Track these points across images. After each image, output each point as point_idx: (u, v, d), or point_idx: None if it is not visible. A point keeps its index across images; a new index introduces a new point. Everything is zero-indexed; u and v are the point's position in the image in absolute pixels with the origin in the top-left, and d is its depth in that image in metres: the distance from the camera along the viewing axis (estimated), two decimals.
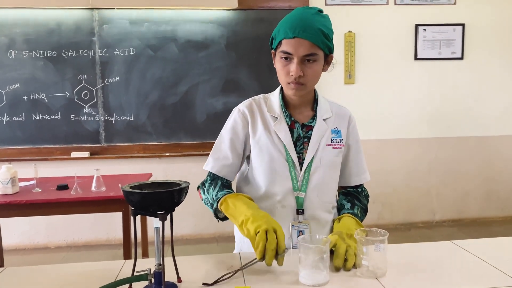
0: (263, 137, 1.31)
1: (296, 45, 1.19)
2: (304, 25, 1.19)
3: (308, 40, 1.18)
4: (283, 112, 1.33)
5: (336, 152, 1.33)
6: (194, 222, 3.87)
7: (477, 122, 4.13)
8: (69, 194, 2.52)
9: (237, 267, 1.10)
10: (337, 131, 1.35)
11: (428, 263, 1.12)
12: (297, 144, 1.31)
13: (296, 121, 1.32)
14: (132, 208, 0.92)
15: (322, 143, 1.31)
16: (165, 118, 3.76)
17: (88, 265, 1.17)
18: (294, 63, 1.20)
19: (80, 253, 3.67)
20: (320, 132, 1.31)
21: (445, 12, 3.96)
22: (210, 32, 3.73)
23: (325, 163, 1.31)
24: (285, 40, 1.21)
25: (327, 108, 1.36)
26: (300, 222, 1.28)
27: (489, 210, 4.26)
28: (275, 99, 1.36)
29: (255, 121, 1.33)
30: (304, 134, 1.32)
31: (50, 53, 3.60)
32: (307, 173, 1.29)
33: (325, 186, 1.32)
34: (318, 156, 1.30)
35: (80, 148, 3.70)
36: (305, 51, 1.19)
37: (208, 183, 1.33)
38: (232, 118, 1.36)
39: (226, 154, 1.33)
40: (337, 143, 1.33)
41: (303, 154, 1.31)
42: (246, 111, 1.34)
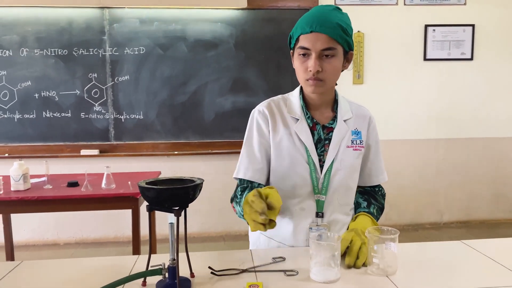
0: (284, 139, 1.28)
1: (313, 39, 1.17)
2: (321, 19, 1.17)
3: (326, 34, 1.16)
4: (304, 113, 1.30)
5: (356, 154, 1.31)
6: (202, 221, 3.89)
7: (486, 123, 4.11)
8: (80, 191, 2.55)
9: (248, 264, 1.11)
10: (357, 132, 1.32)
11: (438, 262, 1.13)
12: (317, 147, 1.28)
13: (317, 123, 1.29)
14: (148, 203, 0.94)
15: (343, 145, 1.28)
16: (174, 117, 3.78)
17: (103, 260, 1.19)
18: (312, 58, 1.18)
19: (89, 250, 3.71)
20: (341, 134, 1.29)
21: (455, 13, 3.95)
22: (219, 32, 3.74)
23: (345, 165, 1.28)
24: (302, 35, 1.19)
25: (347, 108, 1.33)
26: (318, 225, 1.26)
27: (497, 212, 4.24)
28: (295, 100, 1.33)
29: (276, 122, 1.30)
30: (325, 136, 1.29)
31: (61, 51, 3.64)
32: (327, 176, 1.26)
33: (345, 188, 1.30)
34: (338, 158, 1.27)
35: (89, 146, 3.73)
36: (323, 45, 1.17)
37: (239, 194, 1.27)
38: (254, 120, 1.32)
39: (257, 157, 1.30)
40: (357, 144, 1.31)
41: (324, 157, 1.28)
42: (266, 111, 1.31)
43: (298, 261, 1.13)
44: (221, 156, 3.79)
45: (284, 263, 1.13)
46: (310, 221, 1.27)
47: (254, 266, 1.10)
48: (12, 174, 2.53)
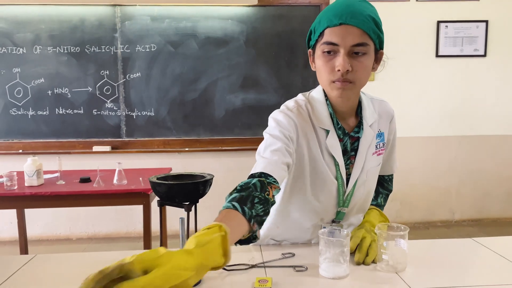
0: (314, 151, 1.13)
1: (343, 33, 1.00)
2: (353, 10, 1.00)
3: (358, 27, 1.00)
4: (335, 124, 1.13)
5: (379, 159, 1.23)
6: (212, 217, 3.88)
7: (499, 120, 4.06)
8: (92, 186, 2.59)
9: (258, 259, 1.12)
10: (381, 134, 1.21)
11: (448, 259, 1.13)
12: (344, 159, 1.16)
13: (346, 133, 1.15)
14: (159, 198, 0.95)
15: (369, 154, 1.18)
16: (185, 113, 3.80)
17: (115, 254, 1.20)
18: (341, 55, 1.01)
19: (101, 245, 3.76)
20: (367, 143, 1.16)
21: (468, 9, 3.90)
22: (230, 29, 3.75)
23: (370, 175, 1.20)
24: (329, 29, 1.01)
25: (371, 110, 1.19)
26: (331, 224, 1.22)
27: (510, 210, 4.19)
28: (321, 107, 1.14)
29: (305, 131, 1.13)
30: (351, 147, 1.16)
31: (73, 49, 3.68)
32: (352, 189, 1.18)
33: (366, 199, 1.24)
34: (364, 170, 1.17)
35: (101, 142, 3.77)
36: (354, 40, 1.00)
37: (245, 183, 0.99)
38: (279, 121, 1.11)
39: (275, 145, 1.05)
40: (380, 148, 1.21)
41: (350, 170, 1.17)
42: (295, 118, 1.12)
43: (307, 257, 1.14)
44: (232, 153, 3.80)
45: (293, 259, 1.13)
46: (323, 225, 1.22)
47: (264, 262, 1.11)
48: (26, 169, 2.57)
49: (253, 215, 0.88)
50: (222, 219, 0.84)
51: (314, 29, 1.08)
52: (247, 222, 0.87)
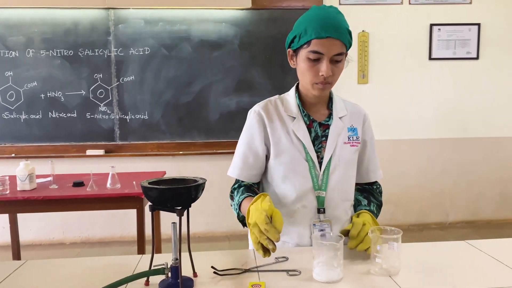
0: (282, 137, 1.30)
1: (328, 44, 1.18)
2: (336, 25, 1.18)
3: (340, 40, 1.19)
4: (301, 111, 1.32)
5: (353, 150, 1.33)
6: (207, 220, 3.90)
7: (492, 123, 4.09)
8: (85, 190, 2.57)
9: (251, 263, 1.12)
10: (353, 129, 1.35)
11: (441, 263, 1.13)
12: (315, 143, 1.30)
13: (314, 120, 1.33)
14: (150, 203, 0.95)
15: (340, 141, 1.31)
16: (179, 117, 3.79)
17: (106, 259, 1.20)
18: (324, 63, 1.19)
19: (95, 249, 3.73)
20: (337, 130, 1.31)
21: (460, 12, 3.93)
22: (224, 32, 3.75)
23: (343, 161, 1.31)
24: (316, 40, 1.18)
25: (342, 106, 1.37)
26: (321, 221, 1.27)
27: (503, 211, 4.21)
28: (291, 99, 1.35)
29: (273, 121, 1.32)
30: (322, 133, 1.32)
31: (66, 52, 3.66)
32: (326, 172, 1.29)
33: (345, 184, 1.32)
34: (336, 154, 1.30)
35: (95, 146, 3.75)
36: (336, 50, 1.19)
37: (234, 187, 1.36)
38: (249, 120, 1.36)
39: (246, 156, 1.33)
40: (354, 141, 1.34)
41: (322, 153, 1.30)
42: (262, 112, 1.33)
43: (301, 261, 1.13)
44: (226, 156, 3.79)
45: (287, 263, 1.13)
46: (312, 218, 1.28)
47: (257, 266, 1.10)
48: (18, 174, 2.55)
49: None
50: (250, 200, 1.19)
51: (300, 36, 1.23)
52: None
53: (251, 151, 1.33)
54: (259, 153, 1.33)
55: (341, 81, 4.28)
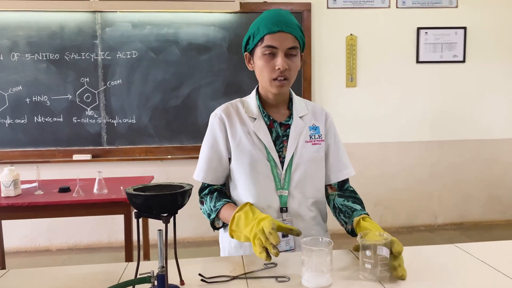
0: (243, 138, 1.32)
1: (281, 38, 1.23)
2: (286, 20, 1.25)
3: (292, 34, 1.24)
4: (261, 112, 1.34)
5: (316, 148, 1.35)
6: (195, 225, 3.87)
7: (479, 125, 4.13)
8: (71, 196, 2.53)
9: (239, 270, 1.10)
10: (315, 127, 1.37)
11: (431, 267, 1.12)
12: (276, 143, 1.32)
13: (274, 120, 1.34)
14: (136, 210, 0.92)
15: (301, 140, 1.33)
16: (167, 120, 3.76)
17: (91, 268, 1.17)
18: (280, 56, 1.23)
19: (82, 255, 3.67)
20: (298, 130, 1.33)
21: (446, 16, 3.97)
22: (212, 35, 3.74)
23: (305, 159, 1.32)
24: (269, 35, 1.24)
25: (302, 106, 1.39)
26: (284, 220, 1.29)
27: (491, 213, 4.25)
28: (251, 101, 1.38)
29: (233, 123, 1.34)
30: (283, 133, 1.34)
31: (52, 55, 3.62)
32: (288, 171, 1.30)
33: (307, 182, 1.33)
34: (298, 153, 1.32)
35: (82, 151, 3.70)
36: (289, 43, 1.24)
37: (204, 193, 1.38)
38: (210, 124, 1.38)
39: (210, 159, 1.35)
40: (316, 139, 1.35)
41: (283, 153, 1.32)
42: (222, 114, 1.35)
43: (290, 267, 1.12)
44: None
45: (276, 269, 1.11)
46: (274, 217, 1.28)
47: (245, 273, 1.08)
48: (2, 180, 2.50)
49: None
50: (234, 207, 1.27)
51: (253, 35, 1.29)
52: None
53: (214, 154, 1.35)
54: (222, 156, 1.35)
55: (329, 85, 4.29)
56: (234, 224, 1.19)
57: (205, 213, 1.36)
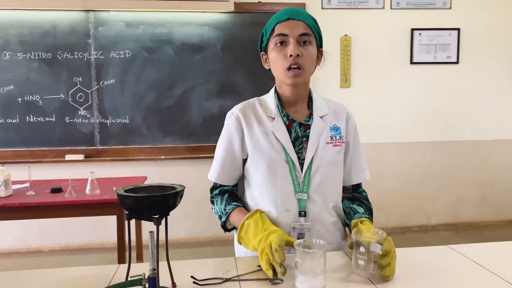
0: (261, 139, 1.27)
1: (291, 25, 1.21)
2: (296, 10, 1.24)
3: (302, 21, 1.22)
4: (280, 111, 1.29)
5: (336, 150, 1.29)
6: (189, 226, 3.85)
7: (472, 126, 4.14)
8: (63, 197, 2.50)
9: (232, 272, 1.09)
10: (336, 128, 1.31)
11: (424, 268, 1.12)
12: (295, 144, 1.27)
13: (293, 120, 1.29)
14: (127, 212, 0.91)
15: (322, 141, 1.27)
16: (161, 121, 3.74)
17: (82, 270, 1.15)
18: (291, 43, 1.20)
19: (74, 256, 3.64)
20: (319, 130, 1.28)
21: (440, 17, 3.98)
22: (206, 35, 3.72)
23: (326, 162, 1.26)
24: (278, 24, 1.23)
25: (323, 105, 1.33)
26: (302, 224, 1.23)
27: (484, 214, 4.27)
28: (270, 100, 1.33)
29: (251, 123, 1.29)
30: (302, 134, 1.28)
31: (45, 55, 3.58)
32: (308, 174, 1.24)
33: (327, 186, 1.27)
34: (318, 155, 1.26)
35: (74, 151, 3.67)
36: (300, 30, 1.21)
37: (215, 193, 1.37)
38: (226, 123, 1.34)
39: (223, 160, 1.32)
40: (337, 140, 1.29)
41: (303, 154, 1.26)
42: (239, 114, 1.31)
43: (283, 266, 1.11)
44: (209, 160, 3.70)
45: None
46: (293, 221, 1.24)
47: (238, 275, 1.07)
48: None
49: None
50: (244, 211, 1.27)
51: (265, 31, 1.28)
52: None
53: (228, 154, 1.32)
54: (236, 156, 1.31)
55: (323, 85, 4.29)
56: (243, 231, 1.17)
57: (216, 214, 1.35)
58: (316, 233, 1.25)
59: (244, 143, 1.30)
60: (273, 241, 1.04)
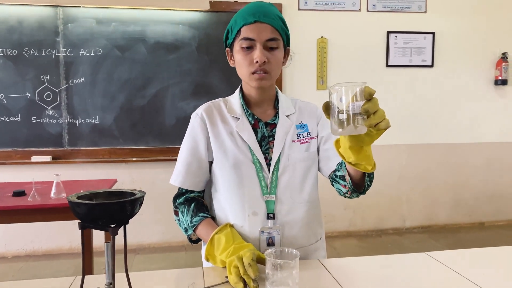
0: (226, 139, 1.22)
1: (258, 29, 1.14)
2: (264, 11, 1.16)
3: (270, 24, 1.15)
4: (245, 111, 1.26)
5: (304, 147, 1.25)
6: (162, 230, 3.74)
7: (446, 129, 4.18)
8: (26, 201, 2.37)
9: (198, 284, 1.01)
10: (303, 126, 1.27)
11: (402, 276, 1.07)
12: (262, 144, 1.23)
13: (259, 120, 1.25)
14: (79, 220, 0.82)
15: (288, 140, 1.23)
16: (133, 121, 3.62)
17: (34, 283, 1.05)
18: (258, 49, 1.14)
19: (40, 263, 3.48)
20: (285, 129, 1.24)
21: (416, 20, 4.00)
22: (181, 34, 3.62)
23: (294, 160, 1.22)
24: (245, 26, 1.15)
25: (288, 104, 1.30)
26: (270, 227, 1.18)
27: (457, 216, 4.31)
28: (235, 100, 1.29)
29: (215, 124, 1.25)
30: (269, 133, 1.24)
31: (10, 51, 3.42)
32: (275, 174, 1.20)
33: (297, 185, 1.22)
34: (285, 154, 1.22)
35: (41, 152, 3.51)
36: (267, 35, 1.15)
37: (179, 202, 1.27)
38: (190, 124, 1.28)
39: (189, 163, 1.25)
40: (304, 137, 1.26)
41: (270, 154, 1.22)
42: (204, 114, 1.26)
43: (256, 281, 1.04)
44: None
45: None
46: (261, 225, 1.18)
47: (205, 287, 1.00)
48: None
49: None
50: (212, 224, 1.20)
51: (231, 28, 1.21)
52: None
53: (194, 157, 1.25)
54: (202, 159, 1.25)
55: (300, 87, 4.23)
56: (214, 248, 1.11)
57: (182, 226, 1.25)
58: (286, 237, 1.19)
59: (209, 145, 1.25)
60: (246, 255, 0.98)
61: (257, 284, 0.95)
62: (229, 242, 1.08)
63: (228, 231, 1.12)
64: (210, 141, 1.24)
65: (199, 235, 1.21)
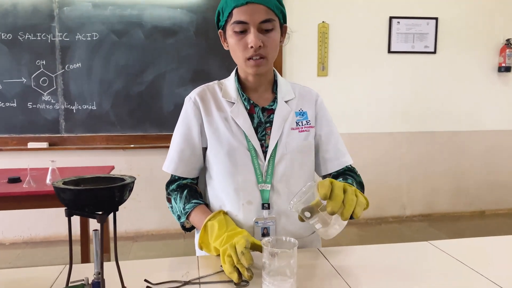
0: (220, 125, 1.16)
1: (250, 11, 1.05)
2: None
3: (263, 4, 1.05)
4: (240, 95, 1.19)
5: (303, 136, 1.18)
6: (160, 217, 3.71)
7: (448, 117, 4.13)
8: (21, 187, 2.34)
9: (192, 274, 0.97)
10: (302, 113, 1.20)
11: (404, 265, 1.03)
12: (258, 131, 1.16)
13: (255, 105, 1.18)
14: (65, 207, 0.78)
15: (286, 127, 1.17)
16: (130, 107, 3.57)
17: (22, 272, 1.01)
18: (251, 33, 1.06)
19: (38, 249, 3.46)
20: (283, 115, 1.17)
21: (419, 5, 3.92)
22: (179, 18, 3.55)
23: (292, 149, 1.16)
24: (236, 9, 1.06)
25: (288, 89, 1.23)
26: (265, 218, 1.14)
27: (458, 205, 4.28)
28: (230, 83, 1.22)
29: (209, 108, 1.18)
30: (266, 119, 1.17)
31: (4, 35, 3.35)
32: (271, 162, 1.15)
33: (294, 175, 1.17)
34: (283, 142, 1.16)
35: (37, 138, 3.47)
36: (261, 17, 1.06)
37: (172, 188, 1.23)
38: (184, 109, 1.22)
39: (182, 149, 1.20)
40: (304, 125, 1.19)
41: (266, 141, 1.16)
42: (197, 98, 1.20)
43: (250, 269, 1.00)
44: None
45: None
46: (255, 215, 1.14)
47: (199, 277, 0.96)
48: None
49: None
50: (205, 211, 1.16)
51: (222, 10, 1.11)
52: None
53: (187, 143, 1.20)
54: (196, 145, 1.19)
55: (300, 74, 4.16)
56: (207, 234, 1.07)
57: (175, 214, 1.22)
58: (282, 227, 1.16)
59: (203, 131, 1.19)
60: (239, 242, 0.93)
61: (251, 273, 0.90)
62: (222, 228, 1.04)
63: (221, 217, 1.08)
64: (204, 127, 1.18)
65: (192, 222, 1.17)
